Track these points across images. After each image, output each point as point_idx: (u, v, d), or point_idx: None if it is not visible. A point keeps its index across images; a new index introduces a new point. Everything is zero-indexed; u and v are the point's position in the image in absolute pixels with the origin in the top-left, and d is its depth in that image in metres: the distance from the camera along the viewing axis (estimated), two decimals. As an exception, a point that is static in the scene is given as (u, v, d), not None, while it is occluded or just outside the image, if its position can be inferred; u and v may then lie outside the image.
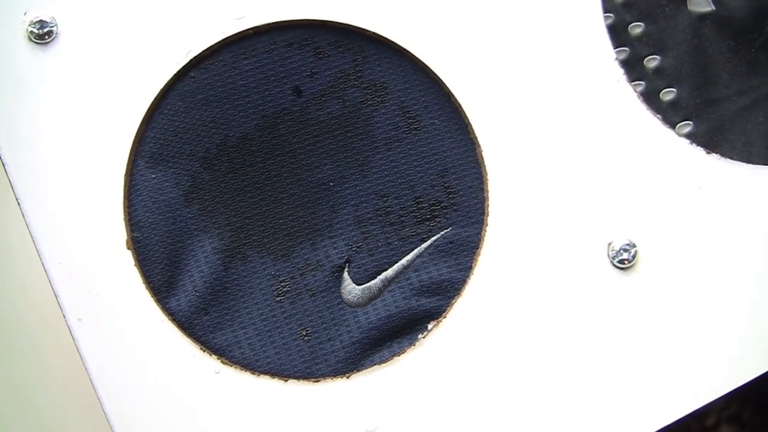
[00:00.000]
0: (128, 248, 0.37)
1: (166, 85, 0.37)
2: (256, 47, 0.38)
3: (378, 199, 0.38)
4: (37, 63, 0.37)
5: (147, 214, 0.37)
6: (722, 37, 0.39)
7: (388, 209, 0.38)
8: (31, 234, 0.36)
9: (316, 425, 0.36)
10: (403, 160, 0.38)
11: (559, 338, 0.37)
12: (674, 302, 0.37)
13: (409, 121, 0.38)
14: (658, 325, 0.37)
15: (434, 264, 0.38)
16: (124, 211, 0.37)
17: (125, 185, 0.37)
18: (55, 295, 0.36)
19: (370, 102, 0.38)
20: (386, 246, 0.38)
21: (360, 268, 0.38)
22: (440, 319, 0.37)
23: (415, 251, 0.38)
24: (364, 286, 0.38)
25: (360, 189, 0.38)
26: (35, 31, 0.37)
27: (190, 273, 0.37)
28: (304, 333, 0.37)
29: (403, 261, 0.38)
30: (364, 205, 0.38)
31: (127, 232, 0.37)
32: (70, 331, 0.36)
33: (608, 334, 0.37)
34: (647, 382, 0.37)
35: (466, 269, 0.37)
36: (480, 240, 0.37)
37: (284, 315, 0.37)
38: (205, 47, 0.37)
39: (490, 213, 0.37)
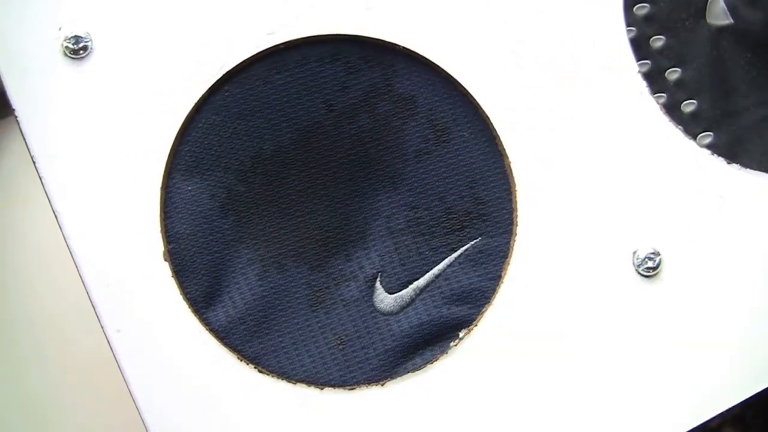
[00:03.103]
0: (165, 260, 0.37)
1: (200, 99, 0.38)
2: (288, 62, 0.39)
3: (409, 211, 0.39)
4: (73, 77, 0.38)
5: (183, 226, 0.38)
6: (741, 49, 0.40)
7: (419, 220, 0.39)
8: (68, 247, 0.37)
9: (353, 432, 0.37)
10: (432, 172, 0.39)
11: (586, 344, 0.38)
12: (697, 309, 0.38)
13: (439, 133, 0.39)
14: (682, 332, 0.38)
15: (464, 273, 0.39)
16: (161, 223, 0.37)
17: (161, 198, 0.38)
18: (93, 306, 0.37)
19: (400, 115, 0.39)
20: (417, 256, 0.39)
21: (392, 277, 0.39)
22: (471, 327, 0.38)
23: (446, 261, 0.39)
24: (396, 294, 0.39)
25: (391, 201, 0.39)
26: (70, 46, 0.37)
27: (226, 283, 0.38)
28: (338, 342, 0.38)
29: (434, 270, 0.39)
30: (396, 216, 0.39)
31: (163, 243, 0.37)
32: (109, 342, 0.37)
33: (633, 341, 0.38)
34: (671, 388, 0.38)
35: (496, 278, 0.38)
36: (509, 249, 0.38)
37: (319, 324, 0.38)
38: (239, 62, 0.38)
39: (518, 223, 0.38)
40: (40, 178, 0.37)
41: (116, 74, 0.38)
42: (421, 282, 0.39)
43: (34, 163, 0.37)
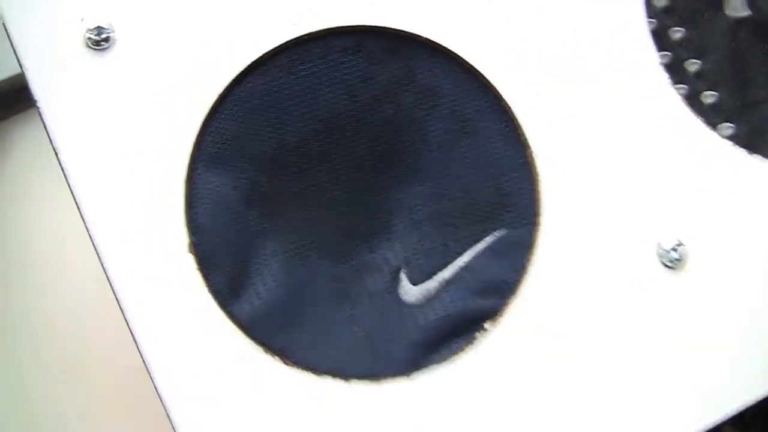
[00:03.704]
0: (189, 252, 0.37)
1: (224, 90, 0.38)
2: (311, 53, 0.38)
3: (433, 202, 0.39)
4: (96, 69, 0.37)
5: (207, 218, 0.37)
6: (759, 40, 0.41)
7: (443, 211, 0.39)
8: (92, 240, 0.36)
9: (380, 424, 0.37)
10: (456, 163, 0.39)
11: (610, 337, 0.38)
12: (721, 299, 0.38)
13: (462, 124, 0.39)
14: (706, 324, 0.38)
15: (489, 264, 0.39)
16: (185, 215, 0.37)
17: (185, 189, 0.37)
18: (117, 300, 0.36)
19: (423, 106, 0.39)
20: (442, 247, 0.39)
21: (417, 269, 0.39)
22: (497, 318, 0.38)
23: (470, 252, 0.39)
24: (421, 286, 0.38)
25: (415, 192, 0.39)
26: (93, 37, 0.37)
27: (251, 275, 0.38)
28: (364, 334, 0.38)
29: (459, 262, 0.39)
30: (419, 207, 0.39)
31: (188, 236, 0.37)
32: (132, 335, 0.36)
33: (658, 334, 0.38)
34: (695, 383, 0.38)
35: (521, 269, 0.38)
36: (533, 240, 0.38)
37: (344, 316, 0.38)
38: (262, 53, 0.38)
39: (542, 214, 0.38)
40: (63, 171, 0.37)
41: (139, 65, 0.38)
42: (446, 273, 0.39)
43: (56, 155, 0.37)
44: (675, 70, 0.40)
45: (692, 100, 0.40)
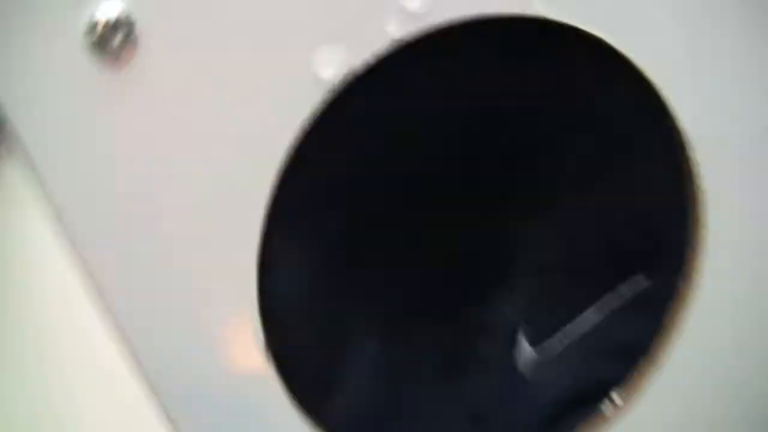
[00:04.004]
0: (267, 360, 0.27)
1: (311, 118, 0.25)
2: (432, 56, 0.26)
3: (564, 243, 0.30)
4: (108, 87, 0.23)
5: (286, 308, 0.27)
6: None
7: (575, 254, 0.30)
8: (138, 363, 0.25)
9: None
10: (599, 194, 0.30)
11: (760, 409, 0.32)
12: None
13: (616, 147, 0.29)
14: None
15: (622, 322, 0.31)
16: (258, 312, 0.26)
17: (257, 270, 0.26)
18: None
19: (571, 121, 0.29)
20: (569, 298, 0.31)
21: (537, 326, 0.31)
22: (629, 389, 0.31)
23: (601, 306, 0.31)
24: (542, 347, 0.31)
25: (545, 230, 0.30)
26: (102, 34, 0.23)
27: (342, 366, 0.28)
28: (472, 415, 0.30)
29: (589, 316, 0.31)
30: (547, 248, 0.30)
31: (262, 333, 0.26)
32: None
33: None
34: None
35: (659, 330, 0.31)
36: (681, 296, 0.31)
37: (452, 396, 0.30)
38: (368, 60, 0.25)
39: (698, 265, 0.30)
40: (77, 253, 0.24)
41: (177, 80, 0.24)
42: (573, 330, 0.31)
43: (61, 228, 0.24)
44: None
45: None
